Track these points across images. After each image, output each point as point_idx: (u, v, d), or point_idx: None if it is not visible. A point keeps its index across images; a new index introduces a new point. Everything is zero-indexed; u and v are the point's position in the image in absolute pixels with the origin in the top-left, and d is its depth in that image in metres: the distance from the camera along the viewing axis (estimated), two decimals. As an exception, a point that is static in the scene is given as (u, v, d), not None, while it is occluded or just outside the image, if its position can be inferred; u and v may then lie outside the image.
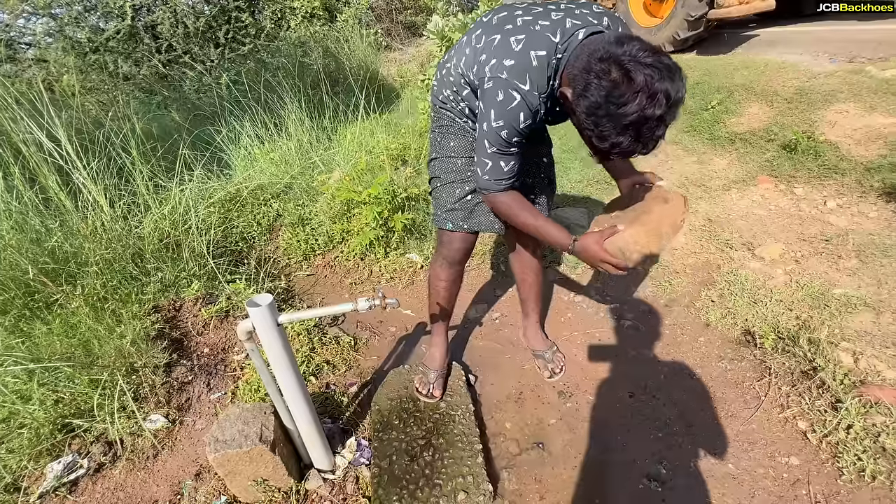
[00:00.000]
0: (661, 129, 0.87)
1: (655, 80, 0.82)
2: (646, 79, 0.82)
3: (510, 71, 1.00)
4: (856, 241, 2.00)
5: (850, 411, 1.34)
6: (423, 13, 8.14)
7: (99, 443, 1.54)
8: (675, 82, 0.84)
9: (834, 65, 3.29)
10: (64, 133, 2.08)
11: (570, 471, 1.41)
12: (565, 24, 1.00)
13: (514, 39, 1.01)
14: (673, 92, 0.83)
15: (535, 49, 0.99)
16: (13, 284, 1.78)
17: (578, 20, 1.01)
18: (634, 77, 0.82)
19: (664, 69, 0.83)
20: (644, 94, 0.82)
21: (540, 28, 1.01)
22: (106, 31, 5.50)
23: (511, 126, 1.05)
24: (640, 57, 0.83)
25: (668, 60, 0.85)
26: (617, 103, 0.84)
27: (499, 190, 1.17)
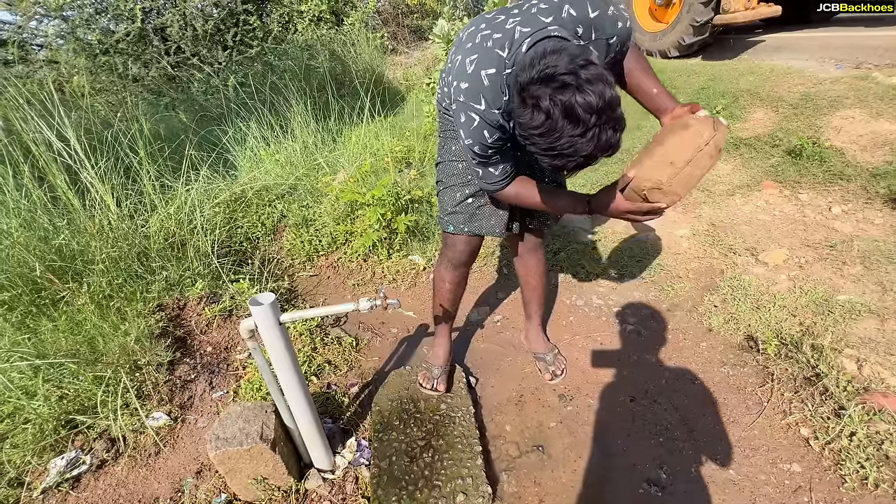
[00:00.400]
0: (603, 135, 0.81)
1: (566, 99, 0.78)
2: (553, 102, 0.78)
3: (465, 94, 1.03)
4: (861, 248, 1.99)
5: (854, 418, 1.33)
6: (430, 17, 8.19)
7: (102, 439, 1.55)
8: (592, 91, 0.77)
9: (840, 71, 3.28)
10: (73, 133, 2.11)
11: (569, 474, 1.40)
12: (514, 35, 0.98)
13: (469, 60, 1.03)
14: (594, 101, 0.77)
15: (485, 68, 1.00)
16: (21, 281, 1.80)
17: (528, 25, 0.98)
18: (541, 104, 0.80)
19: (577, 82, 0.78)
20: (559, 116, 0.79)
21: (491, 44, 1.00)
22: (116, 34, 5.58)
23: (480, 143, 1.07)
24: (549, 77, 0.79)
25: (587, 72, 0.79)
26: (538, 133, 0.82)
27: (497, 189, 1.18)
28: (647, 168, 1.01)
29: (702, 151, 0.98)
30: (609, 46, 1.06)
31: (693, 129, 0.99)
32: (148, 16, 5.75)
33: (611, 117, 0.80)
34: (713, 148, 0.98)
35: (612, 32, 1.04)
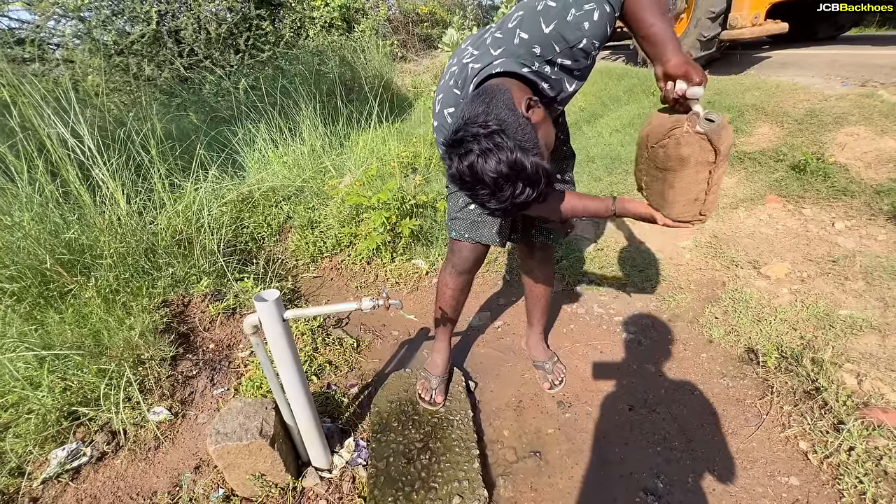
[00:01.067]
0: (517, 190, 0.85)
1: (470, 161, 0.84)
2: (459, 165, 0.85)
3: (437, 131, 1.11)
4: (863, 264, 1.99)
5: (853, 433, 1.33)
6: (439, 26, 8.29)
7: (103, 432, 1.56)
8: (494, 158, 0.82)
9: (846, 88, 3.30)
10: (87, 130, 2.16)
11: (566, 481, 1.40)
12: (467, 72, 1.03)
13: (437, 99, 1.11)
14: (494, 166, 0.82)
15: (447, 107, 1.08)
16: (30, 273, 1.83)
17: (480, 61, 1.02)
18: (453, 164, 0.87)
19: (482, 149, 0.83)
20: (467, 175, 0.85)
21: (452, 83, 1.07)
22: (131, 35, 5.69)
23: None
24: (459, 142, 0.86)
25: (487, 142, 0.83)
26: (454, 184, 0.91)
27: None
28: (676, 213, 0.99)
29: (715, 174, 0.93)
30: (581, 51, 1.00)
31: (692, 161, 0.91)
32: (163, 18, 5.87)
33: (519, 177, 0.84)
34: (725, 159, 0.92)
35: (577, 38, 0.96)
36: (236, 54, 6.20)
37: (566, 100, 1.15)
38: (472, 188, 0.88)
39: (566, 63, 1.02)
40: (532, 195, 0.86)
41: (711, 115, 0.88)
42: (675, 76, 0.91)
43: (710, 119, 0.88)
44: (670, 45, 0.91)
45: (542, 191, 0.87)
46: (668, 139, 0.93)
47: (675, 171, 0.95)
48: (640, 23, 0.95)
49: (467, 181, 0.87)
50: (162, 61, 5.91)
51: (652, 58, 0.96)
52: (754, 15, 3.87)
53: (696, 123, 0.89)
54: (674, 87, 0.91)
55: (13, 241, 1.86)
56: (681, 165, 0.93)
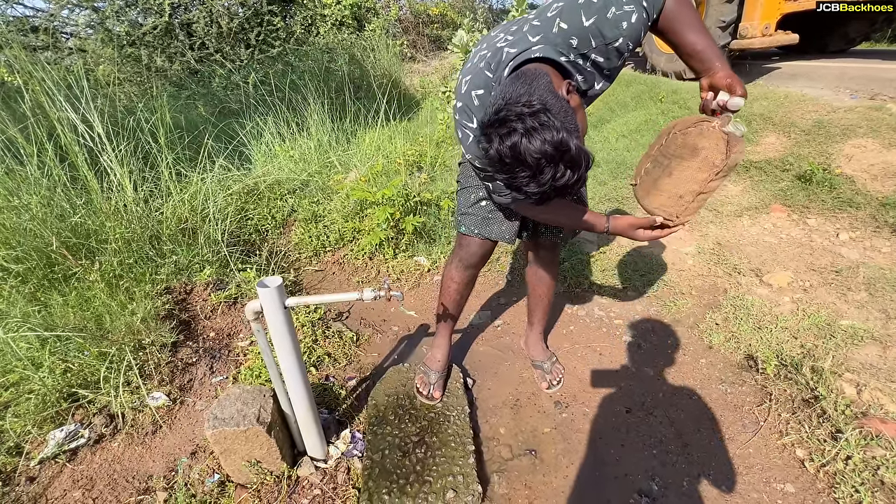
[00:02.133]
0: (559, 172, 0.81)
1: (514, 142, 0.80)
2: (502, 144, 0.81)
3: (459, 112, 1.08)
4: (866, 275, 1.98)
5: (850, 442, 1.32)
6: (450, 27, 8.32)
7: (101, 415, 1.58)
8: (539, 138, 0.79)
9: (854, 100, 3.29)
10: (97, 117, 2.18)
11: (560, 480, 1.40)
12: (501, 56, 1.00)
13: (465, 80, 1.07)
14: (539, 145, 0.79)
15: (475, 89, 1.04)
16: (35, 255, 1.85)
17: (516, 46, 0.99)
18: (493, 145, 0.83)
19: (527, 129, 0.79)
20: (509, 156, 0.81)
21: (483, 65, 1.04)
22: (144, 26, 5.74)
23: (478, 158, 1.09)
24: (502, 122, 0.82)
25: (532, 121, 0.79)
26: (493, 167, 0.86)
27: (509, 203, 1.20)
28: (656, 204, 1.01)
29: (713, 180, 0.95)
30: (615, 50, 1.01)
31: (703, 155, 0.94)
32: (175, 11, 5.92)
33: (562, 160, 0.81)
34: (728, 170, 0.94)
35: (614, 35, 0.98)
36: (247, 49, 6.24)
37: (593, 98, 1.16)
38: (511, 170, 0.83)
39: (599, 60, 1.02)
40: (573, 178, 0.83)
41: (740, 125, 0.93)
42: (720, 87, 0.96)
43: (738, 127, 0.93)
44: (717, 60, 0.97)
45: (583, 175, 0.84)
46: (693, 128, 0.98)
47: (682, 159, 0.98)
48: (684, 43, 1.00)
49: (507, 163, 0.83)
50: (173, 53, 5.96)
51: (697, 71, 1.01)
52: (765, 25, 3.88)
53: (725, 124, 0.93)
54: (714, 97, 0.97)
55: (20, 222, 1.88)
56: (691, 155, 0.97)
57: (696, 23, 1.00)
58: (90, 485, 1.40)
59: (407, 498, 1.28)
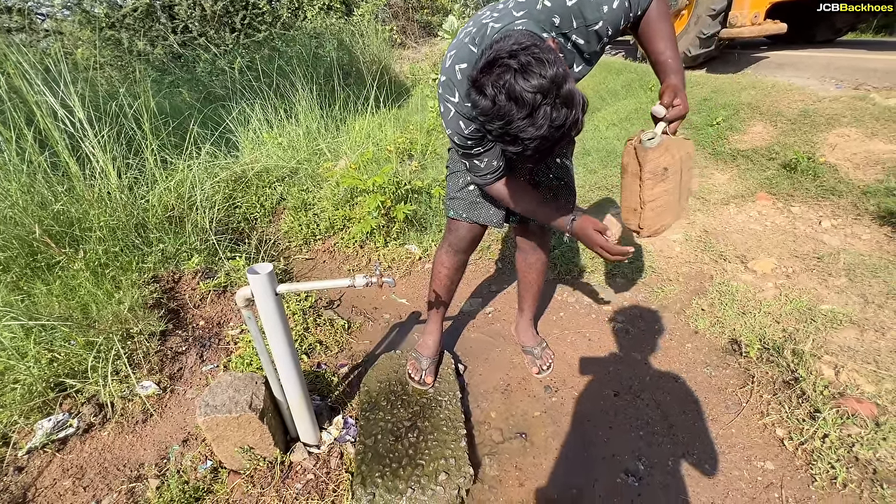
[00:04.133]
0: (553, 113, 0.79)
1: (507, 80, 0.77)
2: (495, 87, 0.78)
3: (443, 86, 1.07)
4: (847, 261, 2.04)
5: (828, 421, 1.37)
6: (440, 13, 8.20)
7: (90, 404, 1.56)
8: (533, 73, 0.77)
9: (839, 90, 3.34)
10: (78, 101, 2.11)
11: (550, 461, 1.43)
12: (486, 31, 0.99)
13: (449, 55, 1.06)
14: (536, 81, 0.76)
15: (459, 63, 1.03)
16: (17, 243, 1.81)
17: (501, 21, 0.98)
18: (486, 90, 0.80)
19: (520, 64, 0.77)
20: (503, 98, 0.78)
21: (468, 40, 1.03)
22: (123, 8, 5.55)
23: (458, 133, 1.09)
24: (491, 64, 0.80)
25: (525, 55, 0.78)
26: (487, 118, 0.83)
27: (485, 184, 1.21)
28: (625, 217, 1.09)
29: (644, 189, 1.01)
30: (595, 34, 1.01)
31: (629, 170, 1.03)
32: (157, -8, 5.73)
33: (558, 95, 0.78)
34: (653, 176, 1.00)
35: (595, 18, 0.98)
36: (232, 33, 6.08)
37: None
38: (506, 115, 0.79)
39: (579, 42, 1.03)
40: (569, 118, 0.81)
41: (649, 133, 1.00)
42: (661, 94, 1.03)
43: (649, 138, 0.99)
44: (673, 73, 1.05)
45: (579, 118, 0.82)
46: (624, 148, 1.06)
47: (622, 177, 1.08)
48: (654, 49, 1.07)
49: (502, 106, 0.79)
50: (155, 37, 5.78)
51: (659, 77, 1.09)
52: (754, 14, 3.89)
53: (638, 138, 1.01)
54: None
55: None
56: (623, 172, 1.06)
57: (670, 34, 1.06)
58: (80, 473, 1.40)
59: (400, 481, 1.30)
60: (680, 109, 1.01)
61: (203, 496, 1.30)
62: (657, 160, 0.99)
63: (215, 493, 1.31)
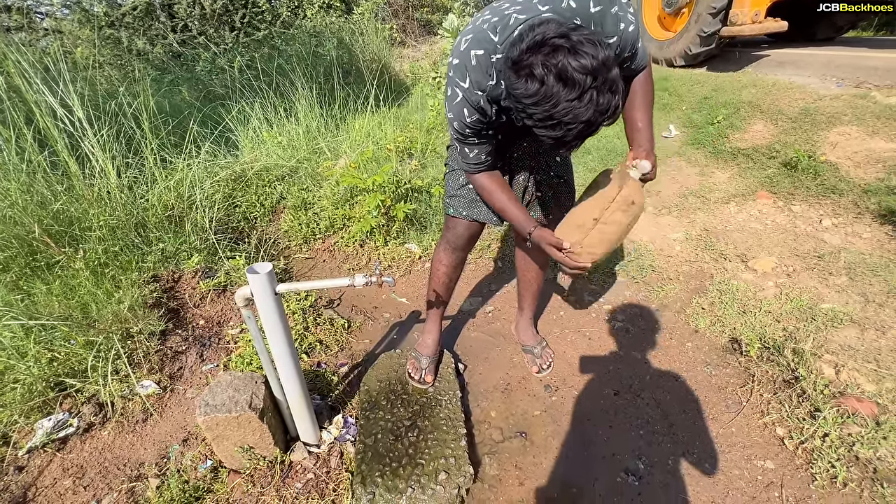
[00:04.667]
0: (600, 98, 0.80)
1: (560, 61, 0.76)
2: (546, 68, 0.77)
3: (454, 69, 1.05)
4: (847, 260, 2.03)
5: (828, 420, 1.37)
6: (440, 11, 8.18)
7: (90, 403, 1.56)
8: (585, 53, 0.77)
9: (840, 88, 3.33)
10: (77, 100, 2.11)
11: (550, 460, 1.43)
12: (508, 21, 0.97)
13: (464, 39, 1.04)
14: (587, 62, 0.76)
15: (476, 48, 1.01)
16: (17, 243, 1.81)
17: (525, 13, 0.97)
18: (535, 71, 0.79)
19: (569, 45, 0.77)
20: (553, 80, 0.78)
21: (487, 26, 1.01)
22: (123, 7, 5.54)
23: (459, 119, 1.08)
24: (539, 44, 0.79)
25: (577, 34, 0.78)
26: (533, 102, 0.81)
27: (471, 172, 1.22)
28: (562, 231, 1.12)
29: (608, 209, 1.08)
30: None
31: (600, 189, 1.10)
32: (156, -9, 5.71)
33: (606, 78, 0.79)
34: (622, 203, 1.08)
35: (612, 32, 1.00)
36: (231, 32, 6.07)
37: None
38: (553, 97, 0.79)
39: None
40: (612, 103, 0.81)
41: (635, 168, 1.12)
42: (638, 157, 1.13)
43: (635, 171, 1.11)
44: (647, 142, 1.15)
45: (620, 105, 0.83)
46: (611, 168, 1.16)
47: (588, 195, 1.15)
48: (632, 117, 1.16)
49: (550, 87, 0.78)
50: (154, 36, 5.77)
51: (630, 142, 1.17)
52: (755, 12, 3.88)
53: (627, 166, 1.13)
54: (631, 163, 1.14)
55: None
56: (593, 189, 1.14)
57: (649, 105, 1.16)
58: (81, 473, 1.40)
59: (400, 480, 1.30)
60: (654, 173, 1.15)
61: (203, 495, 1.30)
62: (634, 191, 1.09)
63: (215, 492, 1.31)
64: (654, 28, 5.08)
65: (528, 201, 1.47)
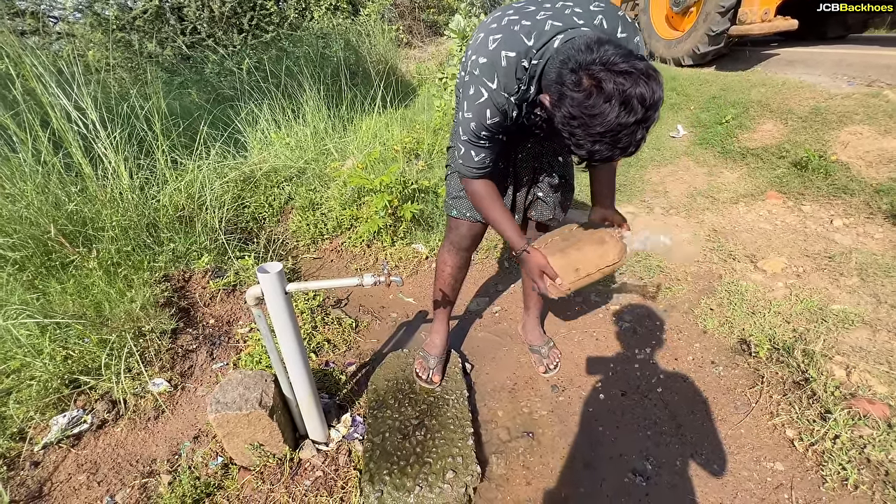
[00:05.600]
0: (639, 132, 0.85)
1: (628, 87, 0.80)
2: (616, 86, 0.80)
3: (482, 68, 1.03)
4: (859, 260, 2.01)
5: (839, 422, 1.36)
6: (446, 12, 8.19)
7: (103, 400, 1.59)
8: (649, 85, 0.81)
9: (851, 87, 3.29)
10: (90, 102, 2.15)
11: (557, 460, 1.44)
12: (544, 27, 0.97)
13: (492, 38, 1.03)
14: (648, 95, 0.81)
15: (507, 50, 1.00)
16: (32, 243, 1.84)
17: (561, 21, 0.98)
18: (605, 86, 0.81)
19: (637, 73, 0.81)
20: (616, 101, 0.81)
21: (518, 28, 1.00)
22: (133, 10, 5.61)
23: (479, 121, 1.08)
24: (611, 63, 0.82)
25: (642, 64, 0.82)
26: (590, 114, 0.83)
27: (470, 176, 1.21)
28: (558, 266, 1.16)
29: (602, 271, 1.17)
30: None
31: (605, 247, 1.18)
32: (166, -6, 5.79)
33: (653, 117, 0.84)
34: (612, 270, 1.20)
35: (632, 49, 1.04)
36: (240, 34, 6.13)
37: None
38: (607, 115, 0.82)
39: None
40: (644, 140, 0.87)
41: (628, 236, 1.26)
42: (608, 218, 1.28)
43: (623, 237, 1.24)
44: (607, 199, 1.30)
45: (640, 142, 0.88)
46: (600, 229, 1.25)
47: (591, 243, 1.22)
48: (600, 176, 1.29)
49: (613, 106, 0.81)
50: (164, 39, 5.84)
51: (594, 196, 1.31)
52: (764, 10, 3.84)
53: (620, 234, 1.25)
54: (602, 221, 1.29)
55: (16, 210, 1.87)
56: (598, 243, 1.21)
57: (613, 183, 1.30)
58: (94, 468, 1.42)
59: (407, 478, 1.31)
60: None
61: (214, 492, 1.32)
62: (623, 263, 1.22)
63: (226, 488, 1.33)
64: (662, 28, 5.05)
65: (530, 201, 1.47)
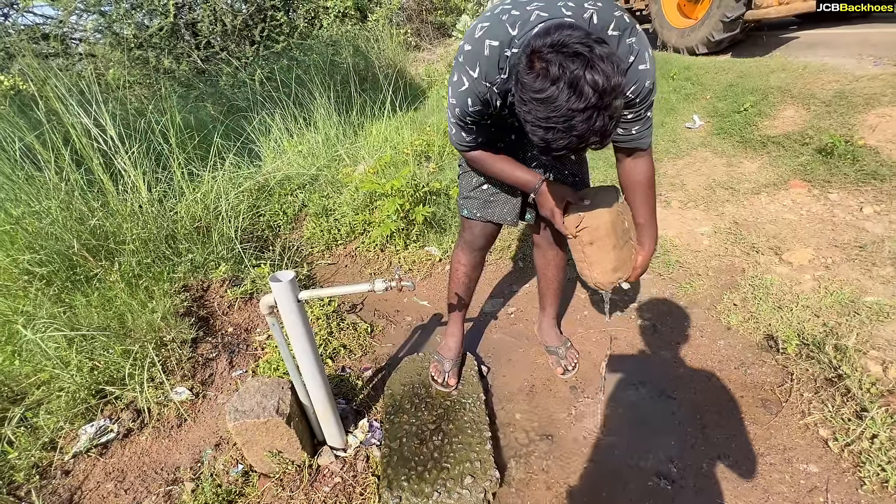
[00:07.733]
0: (597, 120, 0.78)
1: (575, 69, 0.75)
2: (563, 69, 0.75)
3: (465, 56, 1.02)
4: (892, 249, 1.92)
5: (876, 420, 1.29)
6: (454, 14, 8.19)
7: (128, 410, 1.63)
8: (604, 70, 0.75)
9: (878, 68, 3.15)
10: (110, 120, 2.21)
11: (578, 464, 1.41)
12: (529, 17, 0.95)
13: (480, 27, 1.01)
14: (601, 80, 0.75)
15: (491, 39, 0.98)
16: (58, 258, 1.91)
17: (547, 12, 0.95)
18: (550, 69, 0.76)
19: (592, 57, 0.75)
20: (564, 84, 0.75)
21: (506, 18, 0.98)
22: (150, 28, 5.78)
23: (461, 107, 1.07)
24: (562, 45, 0.76)
25: (602, 49, 0.76)
26: (538, 98, 0.78)
27: (463, 150, 1.23)
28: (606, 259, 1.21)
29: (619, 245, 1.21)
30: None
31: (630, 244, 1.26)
32: (180, 11, 5.94)
33: (611, 104, 0.77)
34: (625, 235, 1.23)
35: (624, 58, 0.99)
36: (251, 46, 6.25)
37: None
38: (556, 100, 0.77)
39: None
40: (607, 128, 0.80)
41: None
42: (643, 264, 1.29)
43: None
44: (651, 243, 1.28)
45: (612, 131, 0.82)
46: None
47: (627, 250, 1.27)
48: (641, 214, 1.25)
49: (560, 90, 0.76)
50: (180, 54, 6.00)
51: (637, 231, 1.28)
52: (781, -7, 3.72)
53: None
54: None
55: (42, 227, 1.93)
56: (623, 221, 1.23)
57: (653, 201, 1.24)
58: (122, 477, 1.46)
59: (425, 484, 1.30)
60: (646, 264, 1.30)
61: (235, 499, 1.34)
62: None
63: (247, 496, 1.34)
64: (674, 16, 4.93)
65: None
